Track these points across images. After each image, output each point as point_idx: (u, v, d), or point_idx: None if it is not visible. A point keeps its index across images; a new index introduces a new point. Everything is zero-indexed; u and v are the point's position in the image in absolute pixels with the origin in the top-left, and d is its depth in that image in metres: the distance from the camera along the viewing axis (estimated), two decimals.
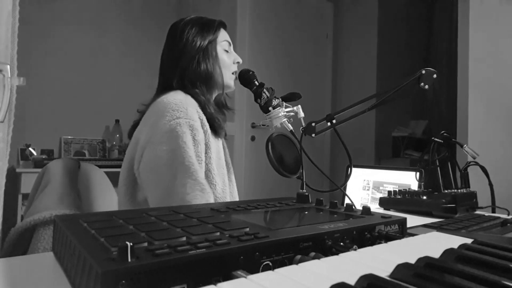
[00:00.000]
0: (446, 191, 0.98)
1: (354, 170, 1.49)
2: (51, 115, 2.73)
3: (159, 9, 3.24)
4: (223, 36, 1.13)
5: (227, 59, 1.13)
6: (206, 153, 0.98)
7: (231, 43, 1.16)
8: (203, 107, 1.03)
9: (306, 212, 0.59)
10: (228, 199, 1.04)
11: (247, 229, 0.42)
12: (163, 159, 0.90)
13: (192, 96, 1.03)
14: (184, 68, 1.06)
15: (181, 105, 0.95)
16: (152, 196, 0.93)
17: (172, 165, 0.90)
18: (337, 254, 0.37)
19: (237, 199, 1.12)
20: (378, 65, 3.18)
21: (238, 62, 1.16)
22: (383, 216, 0.53)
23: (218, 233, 0.40)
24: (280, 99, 1.03)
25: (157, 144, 0.92)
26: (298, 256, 0.40)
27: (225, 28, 1.16)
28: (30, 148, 2.45)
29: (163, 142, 0.91)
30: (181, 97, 0.99)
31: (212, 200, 0.92)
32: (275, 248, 0.38)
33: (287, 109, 1.01)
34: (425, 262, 0.33)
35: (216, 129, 1.05)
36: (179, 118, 0.93)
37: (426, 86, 0.81)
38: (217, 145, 1.06)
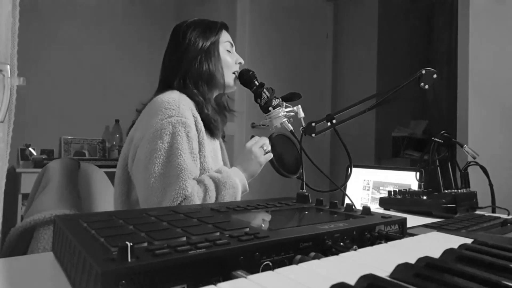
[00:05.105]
0: (446, 191, 0.98)
1: (354, 170, 1.49)
2: (51, 115, 2.73)
3: (160, 10, 3.24)
4: (225, 37, 1.14)
5: (230, 59, 1.13)
6: (200, 151, 0.99)
7: (233, 44, 1.16)
8: (200, 107, 1.03)
9: (306, 212, 0.59)
10: None
11: (247, 229, 0.42)
12: (153, 158, 0.91)
13: (189, 96, 1.03)
14: (186, 68, 1.06)
15: (174, 103, 0.96)
16: (141, 194, 0.94)
17: (162, 163, 0.91)
18: (337, 254, 0.37)
19: None
20: (378, 65, 3.18)
21: (240, 63, 1.16)
22: (383, 216, 0.53)
23: (218, 233, 0.40)
24: (280, 99, 1.03)
25: (149, 142, 0.93)
26: (298, 256, 0.40)
27: (227, 30, 1.16)
28: (30, 148, 2.45)
29: (154, 140, 0.92)
30: (175, 95, 0.99)
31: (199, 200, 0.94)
32: (275, 248, 0.38)
33: (287, 109, 1.01)
34: (425, 262, 0.33)
35: (212, 130, 1.05)
36: (171, 116, 0.94)
37: (426, 86, 0.81)
38: (213, 144, 1.07)
